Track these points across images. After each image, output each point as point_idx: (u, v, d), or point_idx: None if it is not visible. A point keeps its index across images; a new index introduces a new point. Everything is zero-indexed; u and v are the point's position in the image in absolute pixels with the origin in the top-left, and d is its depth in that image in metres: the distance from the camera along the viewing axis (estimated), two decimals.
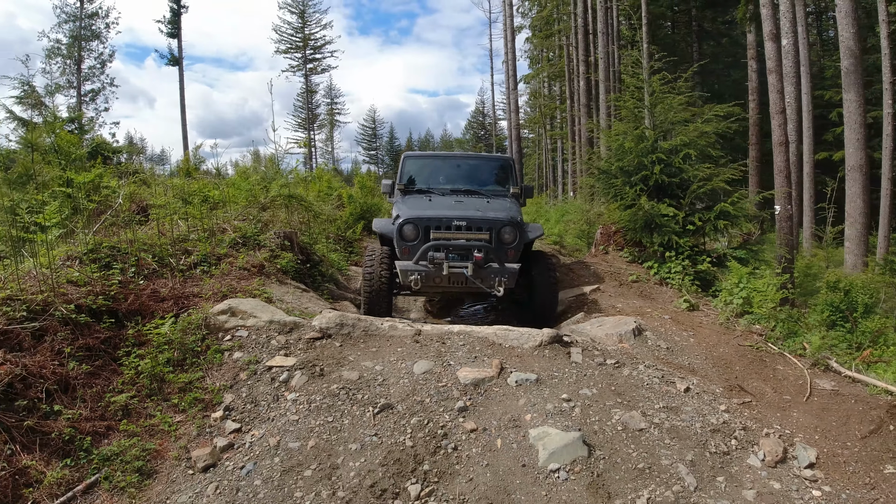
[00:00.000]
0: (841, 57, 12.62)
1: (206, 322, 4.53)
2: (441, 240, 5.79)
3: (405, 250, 5.90)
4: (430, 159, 8.21)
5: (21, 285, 4.16)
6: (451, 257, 5.71)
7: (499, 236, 5.93)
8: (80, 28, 26.38)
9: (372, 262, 6.02)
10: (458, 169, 7.70)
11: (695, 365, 4.71)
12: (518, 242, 6.00)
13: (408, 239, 5.90)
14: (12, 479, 2.88)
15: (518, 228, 6.03)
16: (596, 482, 2.95)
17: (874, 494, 3.19)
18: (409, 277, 5.64)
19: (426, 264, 5.66)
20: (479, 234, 5.84)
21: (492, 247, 5.81)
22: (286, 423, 3.47)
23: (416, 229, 5.88)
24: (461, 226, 5.85)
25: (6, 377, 3.34)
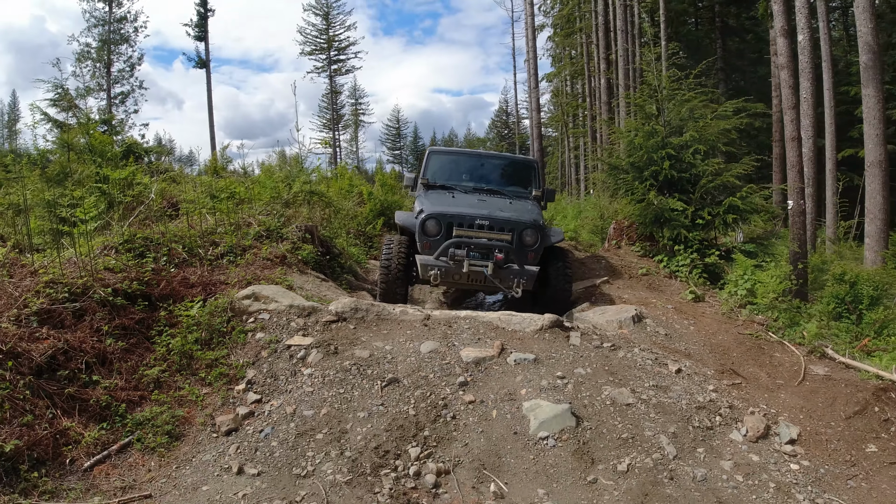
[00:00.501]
0: (860, 52, 12.52)
1: (232, 306, 4.88)
2: (463, 237, 5.86)
3: (426, 245, 5.96)
4: (455, 156, 8.26)
5: (62, 271, 4.57)
6: (472, 255, 5.79)
7: (520, 238, 5.98)
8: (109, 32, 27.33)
9: (390, 252, 6.16)
10: (482, 168, 7.75)
11: (691, 350, 4.91)
12: (539, 245, 6.06)
13: (430, 234, 5.98)
14: (53, 438, 3.25)
15: (540, 231, 6.09)
16: (581, 449, 3.20)
17: (853, 471, 3.37)
18: (429, 272, 5.74)
19: (447, 260, 5.75)
20: (501, 234, 5.91)
21: (513, 248, 5.88)
22: (302, 395, 3.80)
23: (439, 225, 5.96)
24: (484, 225, 5.91)
25: (49, 350, 3.73)
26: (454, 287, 7.12)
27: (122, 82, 27.55)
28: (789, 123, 9.89)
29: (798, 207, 9.85)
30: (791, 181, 9.88)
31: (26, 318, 3.93)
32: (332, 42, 42.00)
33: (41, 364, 3.64)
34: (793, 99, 9.77)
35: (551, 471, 3.04)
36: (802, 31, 12.75)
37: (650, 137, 8.35)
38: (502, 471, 3.06)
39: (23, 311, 3.98)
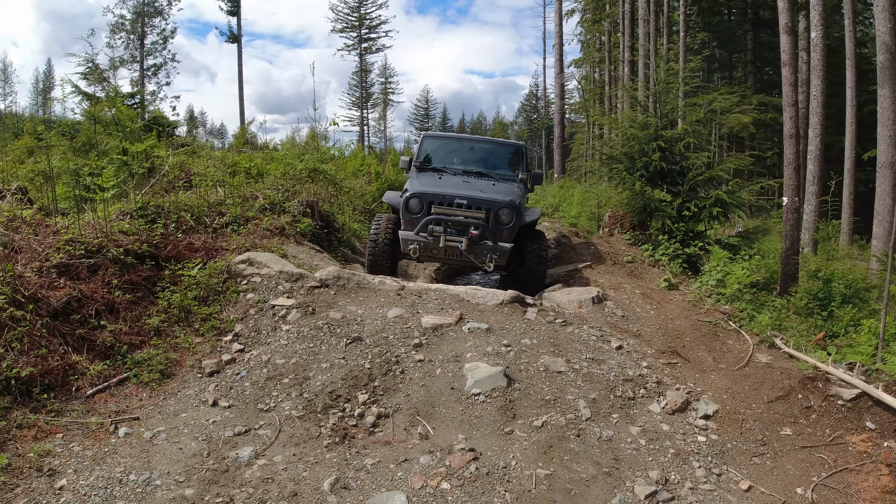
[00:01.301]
0: (877, 52, 12.42)
1: (229, 269, 5.46)
2: (441, 214, 6.28)
3: (409, 221, 6.39)
4: (448, 140, 8.74)
5: (81, 231, 5.18)
6: (449, 231, 6.22)
7: (496, 217, 6.33)
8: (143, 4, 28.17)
9: (378, 228, 6.66)
10: (472, 152, 8.15)
11: (643, 331, 5.30)
12: (513, 224, 6.40)
13: (412, 211, 6.39)
14: (63, 370, 3.85)
15: (515, 211, 6.41)
16: (507, 406, 3.68)
17: (762, 450, 3.69)
18: (409, 246, 6.21)
19: (426, 236, 6.19)
20: (477, 212, 6.28)
21: (487, 226, 6.25)
22: (277, 346, 4.35)
23: (421, 203, 6.37)
24: (462, 204, 6.29)
25: (65, 297, 4.34)
26: (433, 261, 7.53)
27: (155, 54, 28.46)
28: (788, 120, 10.03)
29: (792, 204, 10.04)
30: (787, 178, 10.06)
31: (47, 270, 4.55)
32: (364, 20, 42.30)
33: (57, 308, 4.25)
34: (792, 96, 9.90)
35: (475, 421, 3.53)
36: (816, 28, 12.71)
37: (643, 129, 8.62)
38: (433, 418, 3.56)
39: (44, 263, 4.60)
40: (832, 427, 3.92)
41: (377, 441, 3.32)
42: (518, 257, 6.74)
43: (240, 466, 3.02)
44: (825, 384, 4.32)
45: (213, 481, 2.88)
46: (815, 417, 4.03)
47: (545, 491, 2.92)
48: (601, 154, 9.19)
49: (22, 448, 3.10)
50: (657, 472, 3.15)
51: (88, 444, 3.23)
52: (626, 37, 22.44)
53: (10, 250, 4.70)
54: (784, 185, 10.07)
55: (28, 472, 2.91)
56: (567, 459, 3.21)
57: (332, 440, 3.30)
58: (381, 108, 51.60)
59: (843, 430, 3.90)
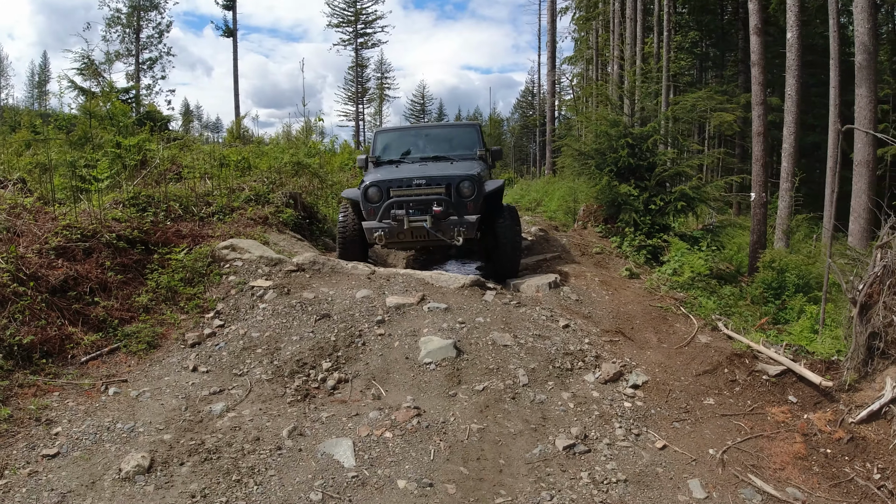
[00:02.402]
0: (855, 51, 12.83)
1: (213, 254, 5.92)
2: (402, 196, 6.23)
3: (371, 211, 6.36)
4: (401, 132, 8.72)
5: (77, 218, 5.63)
6: (412, 212, 6.14)
7: (458, 191, 6.28)
8: None
9: (345, 218, 6.74)
10: (427, 138, 8.18)
11: (593, 313, 5.76)
12: (476, 195, 6.32)
13: (372, 201, 6.36)
14: (60, 339, 4.30)
15: (476, 183, 6.34)
16: (453, 373, 4.14)
17: (684, 416, 4.12)
18: (374, 234, 6.19)
19: (389, 221, 6.16)
20: (437, 188, 6.24)
21: (451, 201, 6.19)
22: (254, 322, 4.81)
23: (380, 191, 6.33)
24: (421, 184, 6.26)
25: (62, 276, 4.79)
26: (403, 247, 7.48)
27: (151, 48, 28.80)
28: (756, 118, 10.52)
29: (760, 199, 10.54)
30: (755, 174, 10.56)
31: (46, 252, 5.00)
32: (360, 15, 42.62)
33: (55, 286, 4.70)
34: (761, 95, 10.37)
35: (423, 385, 3.99)
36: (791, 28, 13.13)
37: (614, 126, 9.06)
38: (387, 383, 4.02)
39: (44, 246, 5.05)
40: (754, 399, 4.37)
41: (335, 400, 3.78)
42: (492, 238, 6.71)
43: (212, 418, 3.48)
44: (752, 361, 4.79)
45: (188, 429, 3.34)
46: (738, 390, 4.48)
47: (476, 441, 3.38)
48: (573, 150, 9.64)
49: (23, 403, 3.55)
50: (578, 429, 3.61)
51: (81, 400, 3.68)
52: (615, 35, 22.86)
53: (12, 234, 5.15)
54: (752, 180, 10.58)
55: (28, 422, 3.37)
56: (500, 417, 3.67)
57: (295, 398, 3.76)
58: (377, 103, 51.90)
59: (765, 402, 4.34)
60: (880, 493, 3.46)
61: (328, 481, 2.88)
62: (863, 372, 4.34)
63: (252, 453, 3.07)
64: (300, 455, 3.10)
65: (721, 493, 3.17)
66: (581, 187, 11.09)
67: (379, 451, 3.18)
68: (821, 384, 4.24)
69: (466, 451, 3.28)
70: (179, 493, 2.73)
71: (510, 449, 3.35)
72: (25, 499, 2.71)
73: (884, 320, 4.14)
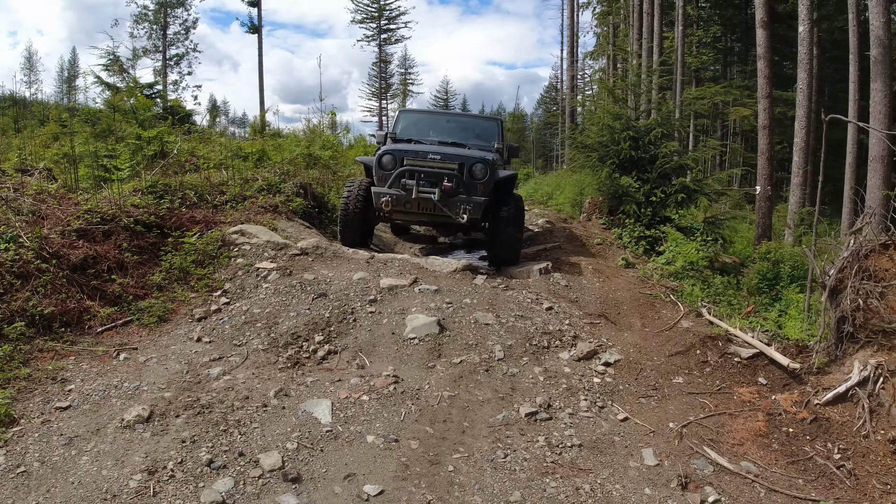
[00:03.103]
0: (871, 46, 12.73)
1: (223, 238, 6.31)
2: (415, 166, 6.25)
3: (382, 178, 6.35)
4: (424, 115, 8.84)
5: (98, 203, 6.07)
6: (422, 183, 6.15)
7: (470, 171, 6.31)
8: None
9: (350, 191, 6.65)
10: (448, 124, 8.21)
11: (581, 298, 5.99)
12: (487, 179, 6.34)
13: (385, 167, 6.36)
14: (78, 311, 4.72)
15: (489, 167, 6.36)
16: (435, 348, 4.43)
17: (651, 393, 4.30)
18: (381, 199, 6.17)
19: (398, 189, 6.17)
20: (450, 164, 6.27)
21: (461, 178, 6.23)
22: (256, 300, 5.17)
23: (394, 159, 6.35)
24: (436, 159, 6.30)
25: (83, 255, 5.22)
26: (407, 219, 7.27)
27: (178, 44, 29.59)
28: (762, 112, 10.58)
29: (765, 192, 10.58)
30: (760, 167, 10.61)
31: (68, 233, 5.44)
32: (383, 11, 42.97)
33: (76, 263, 5.13)
34: (766, 89, 10.42)
35: (405, 357, 4.30)
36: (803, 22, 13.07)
37: (616, 119, 9.21)
38: (373, 355, 4.34)
39: (66, 228, 5.49)
40: (723, 379, 4.55)
41: (322, 368, 4.11)
42: (494, 225, 6.70)
43: (210, 380, 3.84)
44: (725, 344, 4.98)
45: (186, 388, 3.71)
46: (709, 371, 4.68)
47: (445, 406, 3.68)
48: (578, 143, 9.80)
49: (41, 365, 3.96)
50: (543, 399, 3.87)
51: (94, 364, 4.08)
52: (634, 30, 22.77)
53: (37, 217, 5.61)
54: (757, 174, 10.63)
55: (44, 381, 3.77)
56: (471, 387, 3.96)
57: (286, 366, 4.10)
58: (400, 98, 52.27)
59: (734, 382, 4.52)
60: (839, 473, 3.61)
61: (304, 434, 3.21)
62: (833, 355, 4.51)
63: (240, 409, 3.42)
64: (283, 412, 3.44)
65: (672, 462, 3.40)
66: (586, 180, 11.25)
67: (354, 411, 3.50)
68: (788, 366, 4.42)
69: (435, 414, 3.57)
70: (172, 438, 3.08)
71: (476, 414, 3.64)
72: (37, 442, 3.09)
73: (851, 304, 4.29)
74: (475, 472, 3.00)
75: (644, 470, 3.26)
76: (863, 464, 3.74)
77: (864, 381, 4.11)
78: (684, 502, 3.03)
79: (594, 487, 3.00)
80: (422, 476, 2.93)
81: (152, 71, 27.35)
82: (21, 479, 2.82)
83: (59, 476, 2.84)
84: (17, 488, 2.75)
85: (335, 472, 2.91)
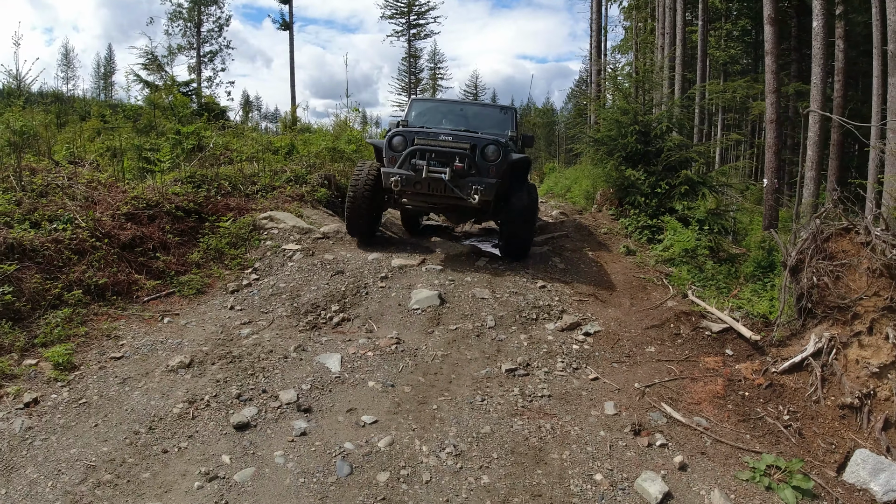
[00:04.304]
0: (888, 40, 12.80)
1: (254, 223, 7.03)
2: (426, 145, 6.11)
3: (392, 159, 6.24)
4: (437, 103, 8.90)
5: (143, 191, 6.85)
6: (433, 163, 6.00)
7: (483, 153, 6.14)
8: None
9: (359, 175, 6.51)
10: (461, 112, 8.15)
11: (575, 280, 6.51)
12: (500, 161, 6.18)
13: (395, 149, 6.23)
14: (128, 284, 5.46)
15: (502, 148, 6.20)
16: (435, 317, 5.04)
17: (624, 360, 4.72)
18: (391, 179, 6.01)
19: (408, 169, 6.06)
20: (462, 144, 6.11)
21: (473, 159, 6.07)
22: (282, 276, 5.86)
23: (405, 140, 6.22)
24: (448, 140, 6.17)
25: (131, 235, 5.99)
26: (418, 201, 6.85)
27: (211, 41, 30.75)
28: (770, 106, 10.86)
29: (772, 185, 10.89)
30: (768, 160, 10.92)
31: (118, 217, 6.21)
32: (412, 6, 43.57)
33: (125, 242, 5.90)
34: (774, 83, 10.71)
35: (408, 324, 4.92)
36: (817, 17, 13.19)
37: (624, 114, 9.64)
38: (380, 322, 4.98)
39: (116, 212, 6.27)
40: (692, 350, 5.03)
41: (336, 331, 4.77)
42: (506, 213, 6.57)
43: (240, 338, 4.54)
44: (698, 319, 5.46)
45: (220, 344, 4.40)
46: (680, 342, 5.17)
47: (438, 363, 4.29)
48: (588, 137, 10.24)
49: (96, 325, 4.71)
50: (523, 359, 4.45)
51: (142, 326, 4.82)
52: (659, 24, 22.84)
53: (90, 202, 6.41)
54: (765, 167, 10.93)
55: (100, 337, 4.51)
56: (462, 348, 4.56)
57: (305, 328, 4.77)
58: (429, 93, 52.87)
59: (702, 352, 5.00)
60: (785, 432, 4.09)
61: (317, 379, 3.86)
62: (794, 329, 4.96)
63: (265, 359, 4.10)
64: (300, 362, 4.10)
65: (630, 414, 3.93)
66: (598, 173, 11.67)
67: (360, 363, 4.14)
68: (751, 338, 4.89)
69: (428, 367, 4.19)
70: (208, 379, 3.77)
71: (463, 369, 4.23)
72: (95, 382, 3.81)
73: (808, 282, 4.73)
74: (455, 411, 3.61)
75: (603, 418, 3.80)
76: (811, 425, 4.21)
77: (818, 352, 4.56)
78: (634, 444, 3.56)
79: (555, 427, 3.56)
80: (410, 412, 3.55)
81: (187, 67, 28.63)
82: (83, 407, 3.53)
83: (115, 405, 3.55)
84: (80, 414, 3.47)
85: (339, 406, 3.56)
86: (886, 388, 4.29)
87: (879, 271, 4.54)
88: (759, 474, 3.49)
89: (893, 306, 4.45)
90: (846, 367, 4.44)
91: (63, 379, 3.85)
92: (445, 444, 3.23)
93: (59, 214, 5.83)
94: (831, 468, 3.83)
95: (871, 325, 4.46)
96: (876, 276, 4.56)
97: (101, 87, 57.84)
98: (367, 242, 6.85)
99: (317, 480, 2.85)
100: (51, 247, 5.29)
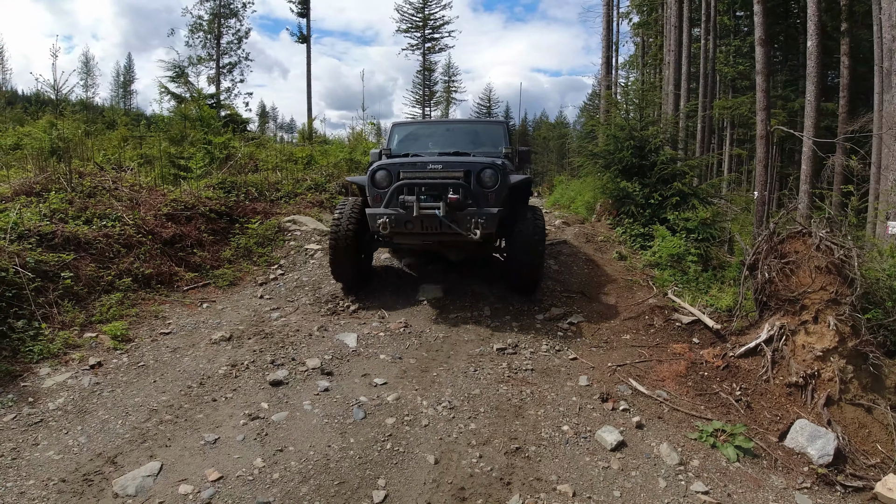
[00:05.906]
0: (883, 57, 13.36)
1: (279, 225, 7.84)
2: (414, 179, 5.36)
3: (377, 198, 5.50)
4: (420, 125, 8.12)
5: (181, 195, 7.69)
6: (423, 199, 5.27)
7: (478, 179, 5.41)
8: (219, 6, 31.55)
9: (341, 213, 5.78)
10: (448, 133, 7.43)
11: (567, 280, 7.21)
12: (499, 186, 5.43)
13: (379, 185, 5.50)
14: (170, 275, 6.27)
15: (500, 172, 5.45)
16: (438, 307, 5.78)
17: (602, 345, 5.40)
18: (378, 221, 5.25)
19: (397, 208, 5.28)
20: (454, 172, 5.36)
21: (469, 188, 5.33)
22: (305, 272, 6.64)
23: (389, 175, 5.48)
24: (437, 168, 5.39)
25: (171, 233, 6.81)
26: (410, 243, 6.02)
27: (230, 53, 31.84)
28: (760, 123, 11.54)
29: (762, 198, 11.53)
30: (758, 174, 11.58)
31: (159, 216, 7.04)
32: (427, 20, 44.73)
33: (166, 239, 6.72)
34: (764, 101, 11.38)
35: (416, 313, 5.66)
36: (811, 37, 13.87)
37: (620, 129, 10.36)
38: (392, 311, 5.72)
39: (157, 212, 7.10)
40: (663, 338, 5.70)
41: (352, 317, 5.53)
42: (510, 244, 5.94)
43: (270, 320, 5.31)
44: (670, 312, 6.13)
45: (254, 324, 5.18)
46: (653, 332, 5.84)
47: (439, 342, 5.02)
48: (587, 151, 10.96)
49: (145, 308, 5.50)
50: (513, 341, 5.16)
51: (184, 309, 5.61)
52: (668, 40, 23.57)
53: (134, 203, 7.25)
54: (756, 180, 11.59)
55: (149, 318, 5.30)
56: (461, 332, 5.28)
57: (326, 314, 5.54)
58: (443, 106, 53.92)
59: (671, 340, 5.67)
60: (736, 405, 4.72)
61: (337, 352, 4.62)
62: (753, 320, 5.62)
63: (293, 336, 4.86)
64: (322, 339, 4.86)
65: (601, 385, 4.61)
66: (597, 185, 12.38)
67: (373, 341, 4.89)
68: (713, 327, 5.56)
69: (430, 345, 4.92)
70: (246, 350, 4.54)
71: (460, 348, 4.96)
72: (150, 351, 4.60)
73: (762, 278, 5.41)
74: (451, 378, 4.33)
75: (576, 388, 4.50)
76: (760, 400, 4.85)
77: (770, 339, 5.22)
78: (600, 408, 4.25)
79: (534, 392, 4.27)
80: (414, 377, 4.29)
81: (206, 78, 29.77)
82: (141, 369, 4.31)
83: (168, 368, 4.32)
84: (139, 373, 4.24)
85: (356, 371, 4.31)
86: (829, 370, 4.93)
87: (827, 269, 5.20)
88: (707, 435, 4.15)
89: (837, 299, 5.11)
90: (794, 352, 5.09)
91: (122, 348, 4.63)
92: (442, 401, 3.95)
93: (108, 213, 6.66)
94: (774, 434, 4.47)
95: (817, 314, 5.11)
96: (823, 272, 5.22)
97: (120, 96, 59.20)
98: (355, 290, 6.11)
99: (338, 422, 3.60)
100: (102, 240, 6.10)
